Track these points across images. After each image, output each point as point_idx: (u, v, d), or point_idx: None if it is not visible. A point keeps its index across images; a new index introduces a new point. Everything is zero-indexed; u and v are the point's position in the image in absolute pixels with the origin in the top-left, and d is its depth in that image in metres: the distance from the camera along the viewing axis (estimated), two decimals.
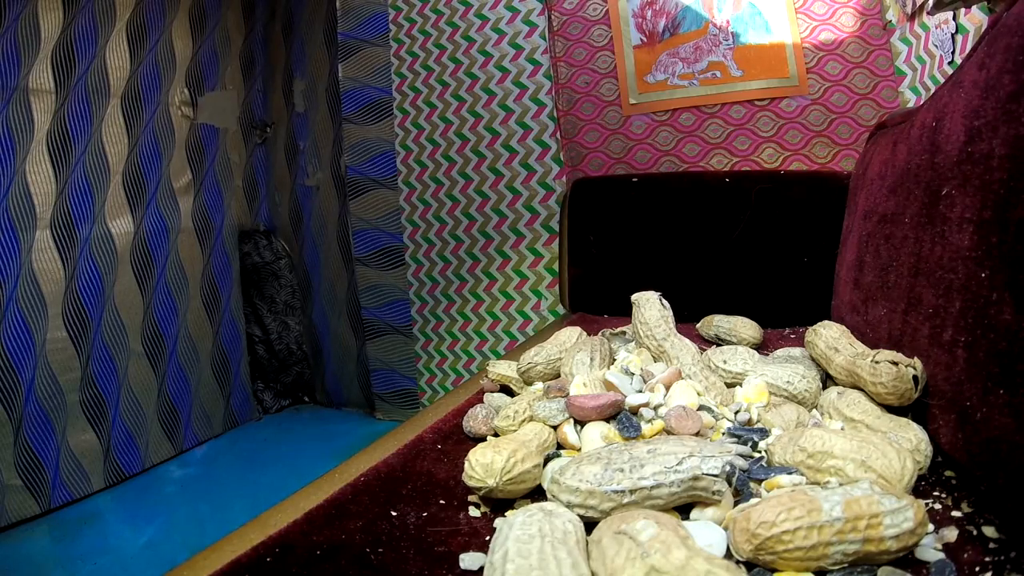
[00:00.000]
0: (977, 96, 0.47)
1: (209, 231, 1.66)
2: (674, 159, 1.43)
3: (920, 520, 0.35)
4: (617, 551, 0.33)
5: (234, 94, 1.77)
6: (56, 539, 1.15)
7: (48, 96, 1.25)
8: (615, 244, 1.25)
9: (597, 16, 1.47)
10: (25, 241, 1.21)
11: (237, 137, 1.79)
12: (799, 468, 0.44)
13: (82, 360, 1.30)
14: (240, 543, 0.45)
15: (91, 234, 1.34)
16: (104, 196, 1.38)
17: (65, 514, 1.22)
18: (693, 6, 1.40)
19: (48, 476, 1.21)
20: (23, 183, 1.21)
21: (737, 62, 1.37)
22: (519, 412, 0.58)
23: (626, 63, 1.44)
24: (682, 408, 0.52)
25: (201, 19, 1.64)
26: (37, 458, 1.19)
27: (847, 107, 1.31)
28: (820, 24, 1.32)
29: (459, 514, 0.48)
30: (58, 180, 1.27)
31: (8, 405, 1.15)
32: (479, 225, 1.59)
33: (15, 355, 1.17)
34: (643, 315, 0.69)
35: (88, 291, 1.32)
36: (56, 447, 1.23)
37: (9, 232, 1.18)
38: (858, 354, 0.59)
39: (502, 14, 1.54)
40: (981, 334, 0.44)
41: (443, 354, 1.66)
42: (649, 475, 0.40)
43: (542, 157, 1.52)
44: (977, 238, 0.46)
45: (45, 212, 1.25)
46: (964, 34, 0.96)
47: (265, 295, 1.86)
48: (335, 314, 1.86)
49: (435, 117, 1.62)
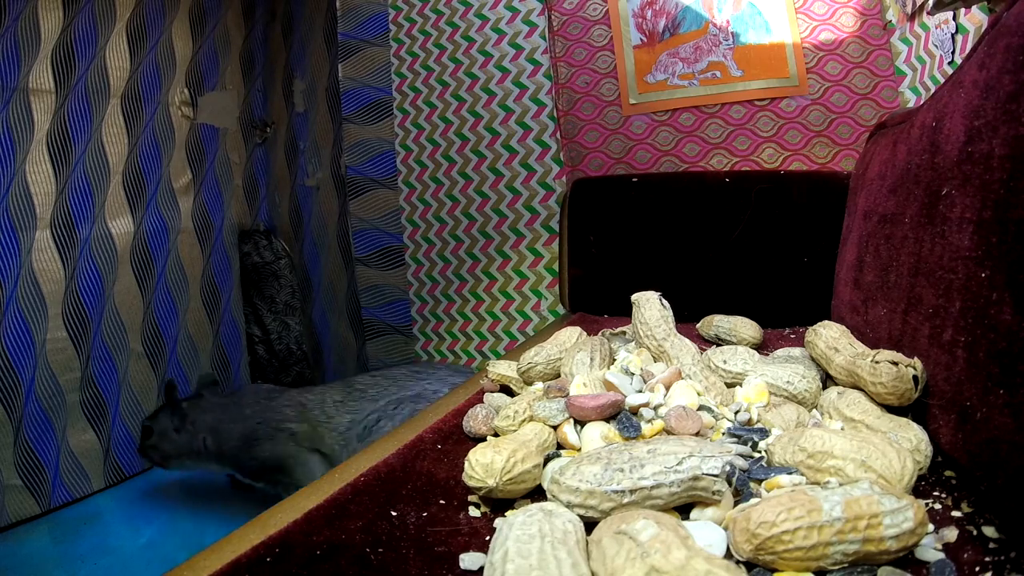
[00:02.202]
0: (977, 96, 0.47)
1: (209, 231, 1.66)
2: (674, 159, 1.43)
3: (920, 520, 0.35)
4: (617, 551, 0.33)
5: (234, 94, 1.77)
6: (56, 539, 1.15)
7: (48, 96, 1.25)
8: (615, 244, 1.25)
9: (597, 16, 1.47)
10: (25, 241, 1.21)
11: (237, 137, 1.79)
12: (799, 468, 0.44)
13: (82, 360, 1.29)
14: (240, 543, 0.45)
15: (91, 234, 1.34)
16: (104, 196, 1.38)
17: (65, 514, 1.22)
18: (693, 6, 1.40)
19: (48, 476, 1.21)
20: (23, 183, 1.21)
21: (737, 62, 1.37)
22: (519, 412, 0.58)
23: (626, 63, 1.44)
24: (682, 408, 0.52)
25: (201, 19, 1.64)
26: (37, 458, 1.19)
27: (847, 107, 1.31)
28: (820, 24, 1.32)
29: (459, 514, 0.48)
30: (58, 180, 1.27)
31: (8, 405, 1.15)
32: (479, 225, 1.59)
33: (15, 355, 1.17)
34: (643, 315, 0.69)
35: (88, 291, 1.32)
36: (56, 447, 1.23)
37: (9, 232, 1.18)
38: (858, 354, 0.59)
39: (502, 14, 1.54)
40: (981, 334, 0.44)
41: (443, 354, 1.66)
42: (649, 475, 0.40)
43: (542, 157, 1.52)
44: (977, 238, 0.46)
45: (45, 212, 1.24)
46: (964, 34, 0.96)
47: (265, 295, 1.86)
48: (335, 314, 1.85)
49: (435, 117, 1.62)
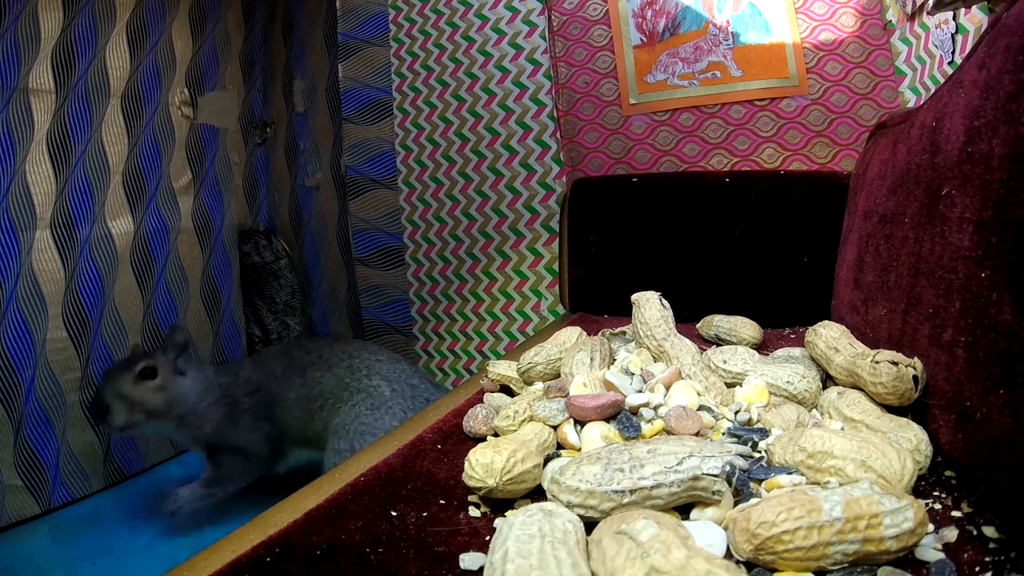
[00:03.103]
0: (977, 96, 0.47)
1: (209, 231, 1.66)
2: (674, 159, 1.43)
3: (920, 520, 0.35)
4: (617, 551, 0.33)
5: (234, 94, 1.77)
6: (56, 539, 1.15)
7: (48, 96, 1.25)
8: (615, 244, 1.25)
9: (597, 16, 1.47)
10: (25, 241, 1.21)
11: (237, 137, 1.79)
12: (799, 468, 0.44)
13: (82, 360, 1.29)
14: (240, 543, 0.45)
15: (91, 234, 1.34)
16: (104, 196, 1.38)
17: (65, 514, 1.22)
18: (693, 6, 1.40)
19: (48, 476, 1.21)
20: (23, 183, 1.21)
21: (737, 62, 1.37)
22: (519, 412, 0.58)
23: (626, 63, 1.44)
24: (682, 408, 0.52)
25: (201, 19, 1.64)
26: (37, 458, 1.19)
27: (847, 107, 1.31)
28: (820, 24, 1.32)
29: (459, 514, 0.48)
30: (58, 180, 1.27)
31: (8, 405, 1.15)
32: (479, 225, 1.59)
33: (15, 355, 1.17)
34: (643, 315, 0.69)
35: (88, 291, 1.32)
36: (56, 447, 1.23)
37: (9, 232, 1.18)
38: (858, 354, 0.59)
39: (502, 14, 1.54)
40: (981, 334, 0.44)
41: (443, 354, 1.66)
42: (649, 475, 0.40)
43: (542, 157, 1.52)
44: (977, 238, 0.46)
45: (45, 212, 1.24)
46: (964, 34, 0.96)
47: (265, 295, 1.86)
48: (335, 314, 1.85)
49: (435, 117, 1.62)
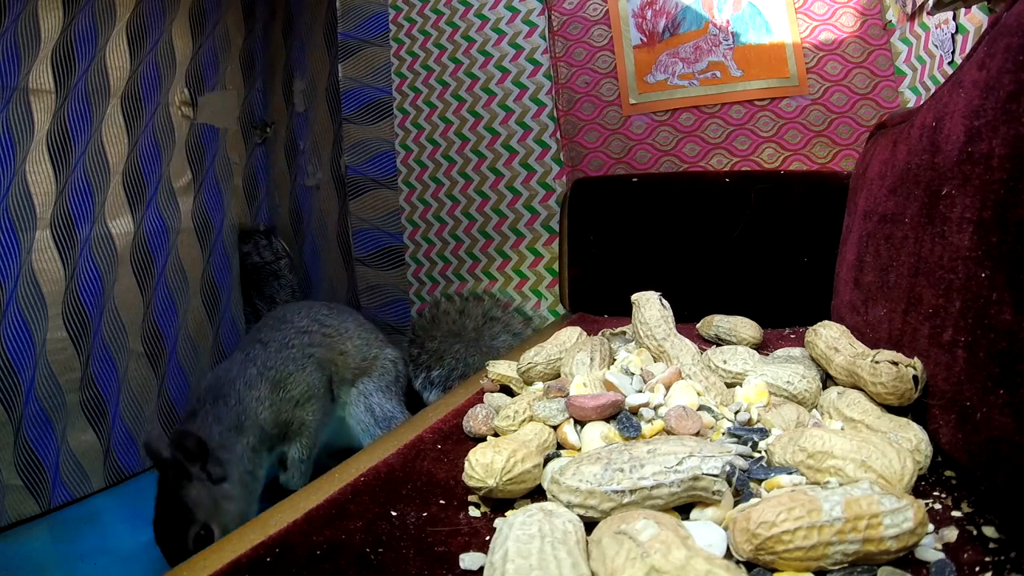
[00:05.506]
0: (977, 96, 0.47)
1: (209, 231, 1.66)
2: (674, 159, 1.43)
3: (920, 520, 0.35)
4: (617, 551, 0.33)
5: (234, 94, 1.77)
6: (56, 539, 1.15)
7: (48, 96, 1.25)
8: (615, 244, 1.25)
9: (597, 16, 1.47)
10: (25, 241, 1.21)
11: (237, 137, 1.79)
12: (799, 468, 0.44)
13: (82, 360, 1.29)
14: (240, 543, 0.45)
15: (91, 234, 1.34)
16: (104, 196, 1.38)
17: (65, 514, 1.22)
18: (693, 6, 1.40)
19: (48, 476, 1.21)
20: (23, 183, 1.21)
21: (737, 62, 1.37)
22: (519, 412, 0.58)
23: (626, 63, 1.44)
24: (682, 408, 0.52)
25: (201, 19, 1.64)
26: (37, 458, 1.19)
27: (847, 107, 1.31)
28: (820, 24, 1.32)
29: (459, 514, 0.48)
30: (58, 180, 1.27)
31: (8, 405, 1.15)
32: (479, 225, 1.59)
33: (15, 355, 1.17)
34: (643, 315, 0.69)
35: (88, 291, 1.32)
36: (56, 447, 1.23)
37: (9, 232, 1.18)
38: (858, 354, 0.59)
39: (502, 14, 1.54)
40: (981, 334, 0.44)
41: None
42: (649, 475, 0.40)
43: (542, 157, 1.52)
44: (977, 238, 0.46)
45: (45, 212, 1.24)
46: (964, 34, 0.96)
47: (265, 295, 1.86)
48: None
49: (435, 117, 1.62)
